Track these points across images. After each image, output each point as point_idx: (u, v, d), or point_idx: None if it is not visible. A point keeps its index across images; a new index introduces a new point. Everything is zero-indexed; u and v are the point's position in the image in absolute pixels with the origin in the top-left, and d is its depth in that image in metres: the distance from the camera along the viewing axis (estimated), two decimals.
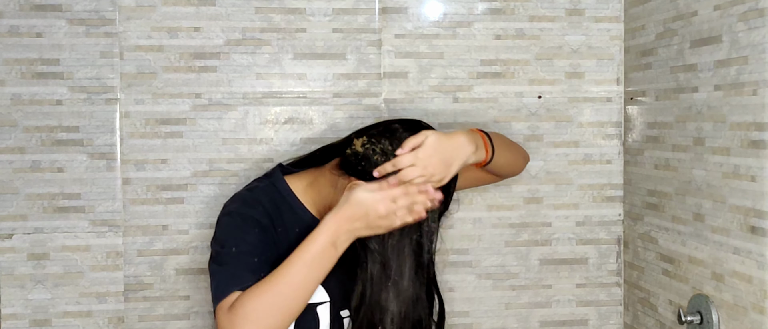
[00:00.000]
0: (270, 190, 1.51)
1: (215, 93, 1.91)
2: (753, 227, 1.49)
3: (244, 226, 1.44)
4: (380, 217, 1.35)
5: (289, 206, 1.50)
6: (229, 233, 1.45)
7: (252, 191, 1.52)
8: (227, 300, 1.33)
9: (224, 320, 1.31)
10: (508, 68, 1.99)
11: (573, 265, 2.04)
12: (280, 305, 1.31)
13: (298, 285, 1.32)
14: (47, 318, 1.89)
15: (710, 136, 1.63)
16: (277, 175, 1.55)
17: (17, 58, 1.85)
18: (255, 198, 1.49)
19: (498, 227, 2.02)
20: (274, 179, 1.54)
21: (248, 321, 1.28)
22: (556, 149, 2.02)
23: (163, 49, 1.89)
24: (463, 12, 1.97)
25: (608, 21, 2.01)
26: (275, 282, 1.32)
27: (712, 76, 1.61)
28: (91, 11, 1.87)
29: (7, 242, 1.88)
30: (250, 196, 1.50)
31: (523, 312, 2.04)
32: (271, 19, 1.92)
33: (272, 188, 1.52)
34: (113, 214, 1.90)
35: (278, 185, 1.52)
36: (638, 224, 1.96)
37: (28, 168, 1.87)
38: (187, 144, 1.91)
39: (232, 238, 1.43)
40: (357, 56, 1.95)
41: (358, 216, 1.34)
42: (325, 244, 1.34)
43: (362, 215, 1.34)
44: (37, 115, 1.87)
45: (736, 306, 1.55)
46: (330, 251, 1.34)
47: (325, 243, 1.34)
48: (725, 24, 1.57)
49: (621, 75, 2.02)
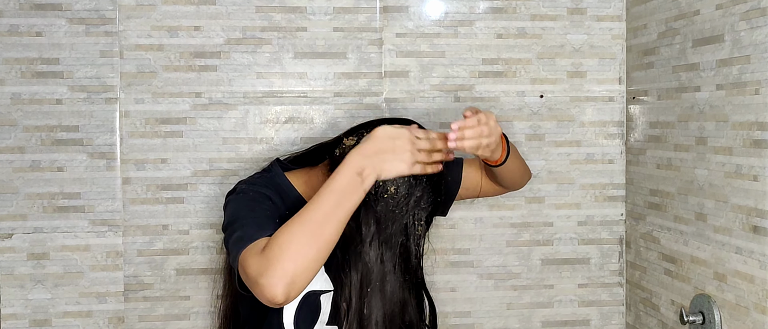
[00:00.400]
0: (270, 183, 1.51)
1: (215, 92, 1.91)
2: (755, 227, 1.49)
3: (256, 198, 1.44)
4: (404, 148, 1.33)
5: (289, 199, 1.50)
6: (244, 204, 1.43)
7: (254, 183, 1.52)
8: (257, 243, 1.31)
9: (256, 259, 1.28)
10: (510, 67, 1.98)
11: (575, 265, 2.04)
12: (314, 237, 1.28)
13: (329, 215, 1.30)
14: (47, 318, 1.89)
15: (712, 135, 1.62)
16: (276, 170, 1.55)
17: (17, 58, 1.85)
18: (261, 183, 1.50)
19: (499, 227, 2.01)
20: (273, 174, 1.54)
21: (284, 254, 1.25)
22: (558, 148, 2.01)
23: (163, 48, 1.89)
24: (464, 11, 1.96)
25: (610, 20, 2.00)
26: (307, 216, 1.30)
27: (715, 76, 1.61)
28: (91, 10, 1.86)
29: (6, 242, 1.87)
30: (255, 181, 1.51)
31: (524, 312, 2.03)
32: (271, 18, 1.91)
33: (272, 182, 1.52)
34: (113, 214, 1.90)
35: (278, 180, 1.52)
36: (640, 224, 1.95)
37: (27, 168, 1.87)
38: (188, 144, 1.90)
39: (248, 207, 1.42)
40: (358, 55, 1.94)
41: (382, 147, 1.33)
42: (352, 173, 1.32)
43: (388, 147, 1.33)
44: (36, 114, 1.86)
45: (738, 306, 1.54)
46: (356, 181, 1.32)
47: (352, 173, 1.32)
48: (727, 23, 1.56)
49: (623, 74, 2.01)
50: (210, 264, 1.91)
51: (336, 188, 1.31)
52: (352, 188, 1.32)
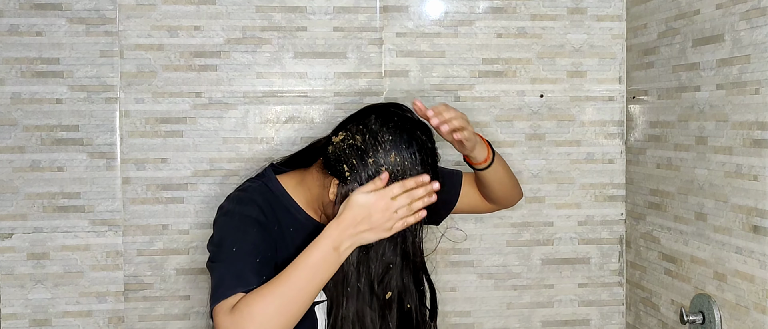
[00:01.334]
0: (263, 190, 1.51)
1: (215, 92, 1.91)
2: (755, 227, 1.49)
3: (242, 225, 1.44)
4: (382, 216, 1.34)
5: (282, 206, 1.50)
6: (229, 232, 1.44)
7: (246, 191, 1.51)
8: (229, 300, 1.32)
9: (226, 320, 1.30)
10: (510, 67, 1.98)
11: (575, 265, 2.04)
12: (283, 308, 1.30)
13: (302, 289, 1.32)
14: (47, 317, 1.89)
15: (712, 135, 1.62)
16: (269, 174, 1.54)
17: (17, 57, 1.85)
18: (249, 197, 1.49)
19: (499, 227, 2.01)
20: (266, 179, 1.53)
21: (253, 323, 1.28)
22: (558, 148, 2.01)
23: (163, 48, 1.89)
24: (464, 10, 1.96)
25: (610, 20, 2.00)
26: (279, 286, 1.31)
27: (714, 75, 1.61)
28: (91, 10, 1.86)
29: (6, 241, 1.87)
30: (244, 196, 1.50)
31: (524, 312, 2.03)
32: (271, 18, 1.91)
33: (265, 188, 1.51)
34: (113, 213, 1.90)
35: (270, 184, 1.52)
36: (640, 224, 1.95)
37: (27, 167, 1.87)
38: (188, 143, 1.90)
39: (232, 238, 1.42)
40: (358, 55, 1.94)
41: (360, 219, 1.34)
42: (328, 250, 1.33)
43: (365, 218, 1.34)
44: (36, 114, 1.86)
45: (738, 306, 1.54)
46: (333, 256, 1.34)
47: (328, 249, 1.33)
48: (727, 23, 1.56)
49: (623, 74, 2.01)
50: None
51: (311, 263, 1.32)
52: (328, 263, 1.34)
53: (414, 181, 1.37)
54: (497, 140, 1.98)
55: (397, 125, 1.42)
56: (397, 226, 1.37)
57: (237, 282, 1.35)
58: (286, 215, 1.49)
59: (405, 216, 1.36)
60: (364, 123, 1.44)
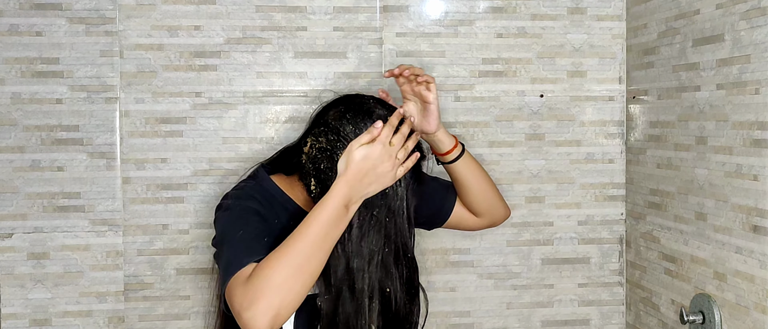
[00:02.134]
0: (259, 189, 1.51)
1: (215, 92, 1.91)
2: (755, 227, 1.49)
3: (244, 215, 1.43)
4: (383, 162, 1.36)
5: (280, 203, 1.50)
6: (232, 222, 1.43)
7: (243, 190, 1.51)
8: (243, 271, 1.30)
9: (241, 291, 1.27)
10: (510, 67, 1.98)
11: (575, 264, 2.04)
12: (299, 269, 1.28)
13: (315, 248, 1.31)
14: (47, 317, 1.89)
15: (712, 135, 1.62)
16: (263, 175, 1.54)
17: (17, 57, 1.85)
18: (248, 194, 1.49)
19: (499, 227, 2.01)
20: (259, 179, 1.53)
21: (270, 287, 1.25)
22: (558, 148, 2.01)
23: (163, 47, 1.89)
24: (464, 10, 1.96)
25: (610, 19, 2.00)
26: (292, 247, 1.29)
27: (715, 75, 1.61)
28: (91, 10, 1.86)
29: (7, 241, 1.87)
30: (242, 192, 1.50)
31: (524, 312, 2.03)
32: (271, 18, 1.91)
33: (259, 187, 1.51)
34: (113, 213, 1.90)
35: (265, 184, 1.52)
36: (640, 224, 1.95)
37: (27, 167, 1.87)
38: (188, 143, 1.90)
39: (236, 226, 1.42)
40: (358, 55, 1.94)
41: (365, 172, 1.35)
42: (337, 206, 1.34)
43: (370, 169, 1.36)
44: (36, 114, 1.86)
45: (738, 306, 1.54)
46: (342, 212, 1.34)
47: (337, 205, 1.34)
48: (727, 22, 1.56)
49: (623, 74, 2.01)
50: (210, 263, 1.91)
51: (322, 220, 1.32)
52: (338, 219, 1.34)
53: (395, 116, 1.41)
54: (497, 140, 1.98)
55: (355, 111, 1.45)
56: (399, 172, 1.40)
57: (247, 253, 1.33)
58: (285, 212, 1.49)
59: (403, 160, 1.40)
60: (324, 123, 1.45)
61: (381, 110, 1.46)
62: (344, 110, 1.46)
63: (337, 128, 1.43)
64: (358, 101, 1.48)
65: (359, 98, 1.50)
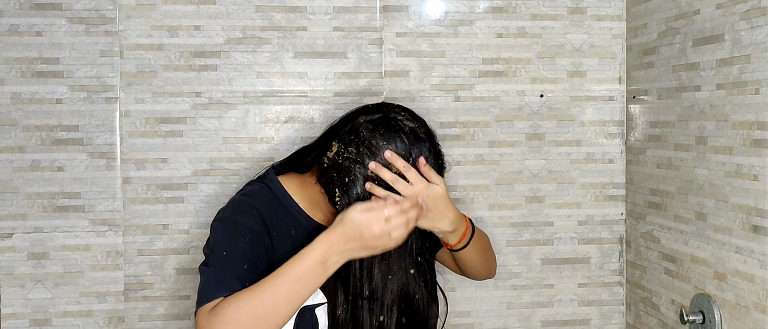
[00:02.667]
0: (264, 192, 1.51)
1: (216, 92, 1.91)
2: (755, 227, 1.49)
3: (235, 233, 1.43)
4: (375, 237, 1.32)
5: (284, 208, 1.50)
6: (220, 239, 1.44)
7: (247, 196, 1.51)
8: (210, 303, 1.33)
9: (204, 322, 1.30)
10: (510, 67, 1.98)
11: (575, 264, 2.04)
12: (260, 315, 1.29)
13: (282, 298, 1.30)
14: (47, 317, 1.89)
15: (712, 135, 1.62)
16: (271, 176, 1.54)
17: (17, 57, 1.85)
18: (250, 203, 1.48)
19: (499, 227, 2.01)
20: (268, 180, 1.53)
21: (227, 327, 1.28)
22: (558, 147, 2.01)
23: (163, 47, 1.89)
24: (464, 10, 1.96)
25: (610, 19, 2.00)
26: (259, 292, 1.30)
27: (715, 75, 1.61)
28: (91, 10, 1.86)
29: (7, 241, 1.87)
30: (245, 201, 1.50)
31: (524, 312, 2.03)
32: (271, 18, 1.91)
33: (266, 189, 1.51)
34: (113, 213, 1.90)
35: (272, 186, 1.52)
36: (640, 224, 1.95)
37: (27, 167, 1.87)
38: (188, 143, 1.90)
39: (223, 244, 1.43)
40: (358, 55, 1.94)
41: (351, 237, 1.32)
42: (314, 262, 1.31)
43: (356, 236, 1.32)
44: (36, 114, 1.86)
45: (738, 306, 1.54)
46: (318, 269, 1.32)
47: (314, 262, 1.31)
48: (727, 22, 1.56)
49: (623, 74, 2.01)
50: None
51: (295, 275, 1.30)
52: (314, 275, 1.31)
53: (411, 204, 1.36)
54: (497, 139, 1.98)
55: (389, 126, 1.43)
56: (390, 246, 1.35)
57: (220, 286, 1.34)
58: (288, 218, 1.49)
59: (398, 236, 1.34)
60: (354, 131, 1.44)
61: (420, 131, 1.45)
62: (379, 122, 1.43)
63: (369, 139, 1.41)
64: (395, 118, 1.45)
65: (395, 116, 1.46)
